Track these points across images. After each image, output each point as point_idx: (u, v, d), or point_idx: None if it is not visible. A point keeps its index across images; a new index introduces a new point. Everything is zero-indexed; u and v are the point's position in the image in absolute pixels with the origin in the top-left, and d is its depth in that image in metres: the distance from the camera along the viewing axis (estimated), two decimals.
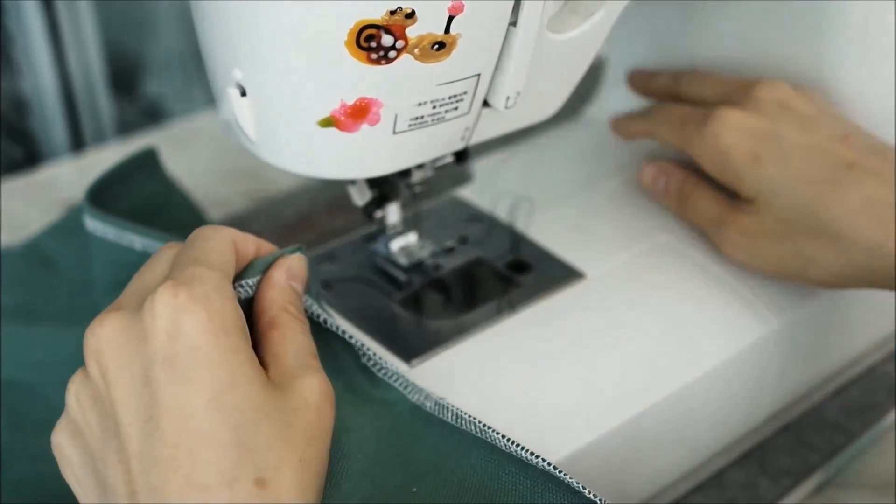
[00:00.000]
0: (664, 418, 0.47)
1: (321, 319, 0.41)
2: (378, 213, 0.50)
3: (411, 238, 0.51)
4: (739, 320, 0.50)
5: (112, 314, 0.35)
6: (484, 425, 0.39)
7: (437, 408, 0.41)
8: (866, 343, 0.58)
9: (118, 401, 0.34)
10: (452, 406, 0.40)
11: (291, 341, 0.37)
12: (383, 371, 0.42)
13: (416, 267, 0.50)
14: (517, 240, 0.54)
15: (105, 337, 0.35)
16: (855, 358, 0.58)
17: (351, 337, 0.41)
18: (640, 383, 0.46)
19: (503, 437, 0.39)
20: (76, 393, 0.36)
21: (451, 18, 0.38)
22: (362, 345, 0.42)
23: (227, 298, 0.35)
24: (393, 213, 0.50)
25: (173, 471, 0.33)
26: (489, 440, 0.39)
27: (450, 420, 0.40)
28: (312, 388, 0.36)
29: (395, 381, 0.42)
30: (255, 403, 0.34)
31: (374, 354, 0.42)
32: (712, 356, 0.48)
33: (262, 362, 0.36)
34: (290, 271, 0.40)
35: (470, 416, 0.40)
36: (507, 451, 0.39)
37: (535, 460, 0.38)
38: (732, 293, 0.51)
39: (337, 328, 0.41)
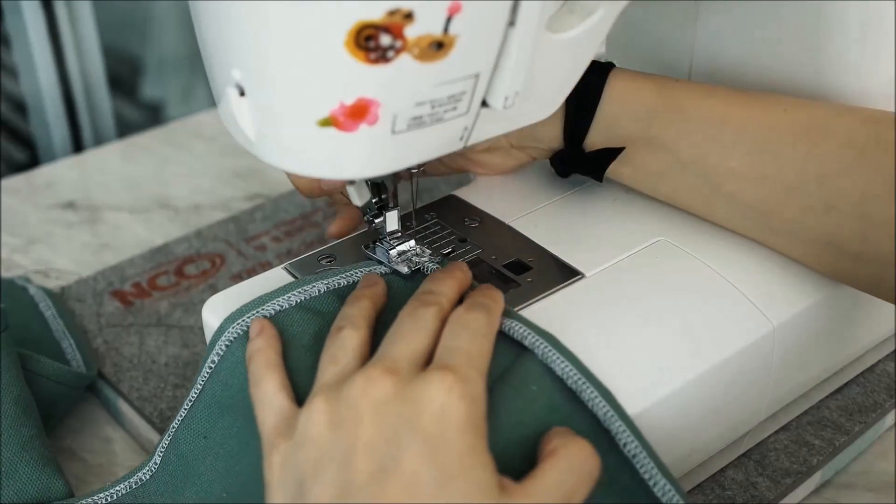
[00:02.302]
0: (663, 418, 0.47)
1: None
2: (377, 221, 0.50)
3: (410, 245, 0.51)
4: (739, 320, 0.50)
5: (389, 377, 0.40)
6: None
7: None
8: (866, 343, 0.58)
9: (363, 440, 0.38)
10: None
11: (553, 477, 0.39)
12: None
13: (417, 272, 0.50)
14: (516, 240, 0.54)
15: (375, 393, 0.39)
16: (855, 358, 0.58)
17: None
18: (638, 383, 0.46)
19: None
20: (317, 412, 0.40)
21: (449, 18, 0.38)
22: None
23: (483, 399, 0.40)
24: (392, 221, 0.50)
25: None
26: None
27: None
28: None
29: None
30: (472, 497, 0.37)
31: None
32: (711, 356, 0.48)
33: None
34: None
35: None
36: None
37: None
38: (732, 293, 0.51)
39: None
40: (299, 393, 0.44)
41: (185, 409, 0.49)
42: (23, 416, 0.53)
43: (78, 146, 1.05)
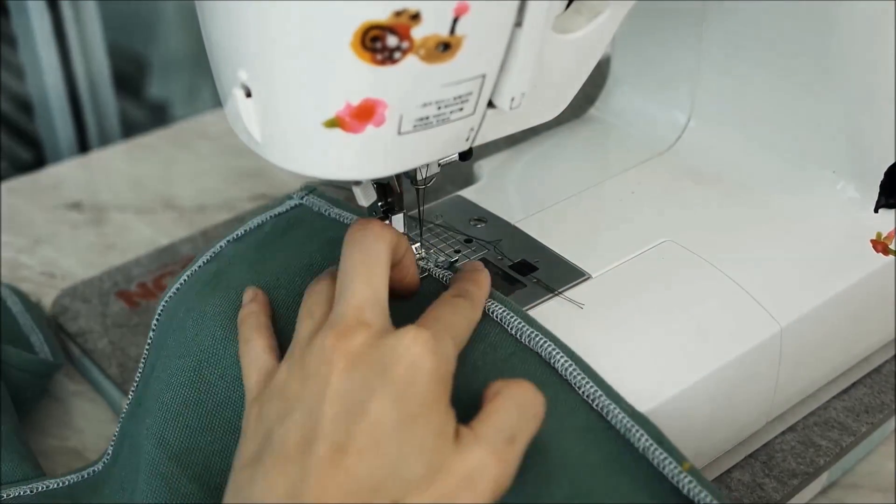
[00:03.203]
0: (670, 419, 0.46)
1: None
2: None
3: (415, 249, 0.51)
4: (745, 321, 0.50)
5: (360, 331, 0.40)
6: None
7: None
8: (873, 343, 0.57)
9: (332, 388, 0.39)
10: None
11: (498, 418, 0.40)
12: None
13: (424, 278, 0.50)
14: (522, 240, 0.53)
15: (347, 345, 0.40)
16: (862, 358, 0.57)
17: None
18: (645, 384, 0.46)
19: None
20: (291, 365, 0.42)
21: (456, 19, 0.38)
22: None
23: (453, 360, 0.41)
24: (397, 225, 0.50)
25: (340, 456, 0.38)
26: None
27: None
28: (476, 464, 0.39)
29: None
30: (424, 446, 0.39)
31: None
32: (718, 357, 0.48)
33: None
34: None
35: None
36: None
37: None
38: (738, 294, 0.51)
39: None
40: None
41: (132, 394, 0.51)
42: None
43: (83, 146, 1.05)
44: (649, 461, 0.43)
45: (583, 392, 0.44)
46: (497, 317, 0.47)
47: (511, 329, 0.46)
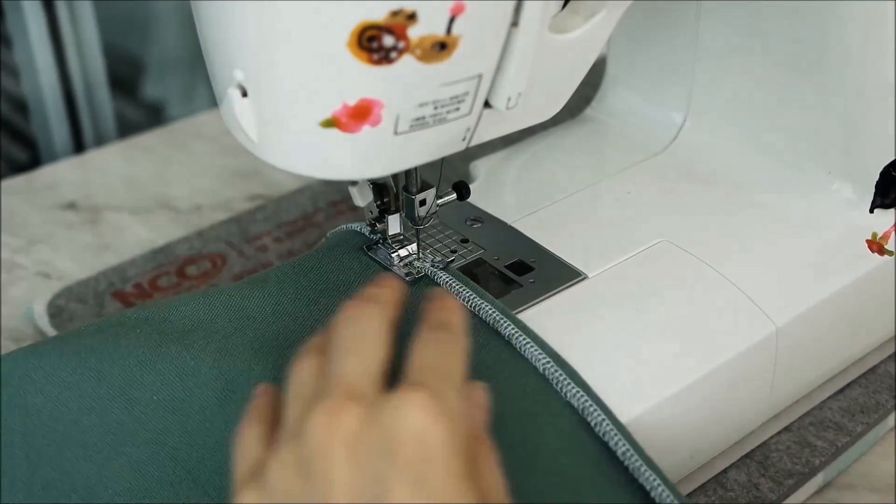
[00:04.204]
0: (665, 419, 0.47)
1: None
2: (380, 225, 0.50)
3: (412, 249, 0.51)
4: (741, 321, 0.50)
5: (352, 406, 0.36)
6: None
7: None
8: (868, 344, 0.57)
9: (340, 483, 0.35)
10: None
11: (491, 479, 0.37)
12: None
13: (420, 279, 0.50)
14: (518, 240, 0.53)
15: (343, 429, 0.35)
16: (857, 359, 0.58)
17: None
18: (640, 384, 0.46)
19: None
20: (285, 461, 0.36)
21: (452, 19, 0.38)
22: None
23: (463, 420, 0.37)
24: (394, 225, 0.50)
25: None
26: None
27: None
28: None
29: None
30: None
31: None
32: (714, 357, 0.48)
33: None
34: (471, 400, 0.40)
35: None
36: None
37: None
38: (734, 294, 0.51)
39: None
40: None
41: None
42: None
43: (79, 146, 1.05)
44: (628, 468, 0.43)
45: (566, 395, 0.44)
46: (487, 319, 0.47)
47: (501, 332, 0.46)
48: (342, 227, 0.54)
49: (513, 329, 0.46)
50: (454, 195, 0.52)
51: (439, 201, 0.50)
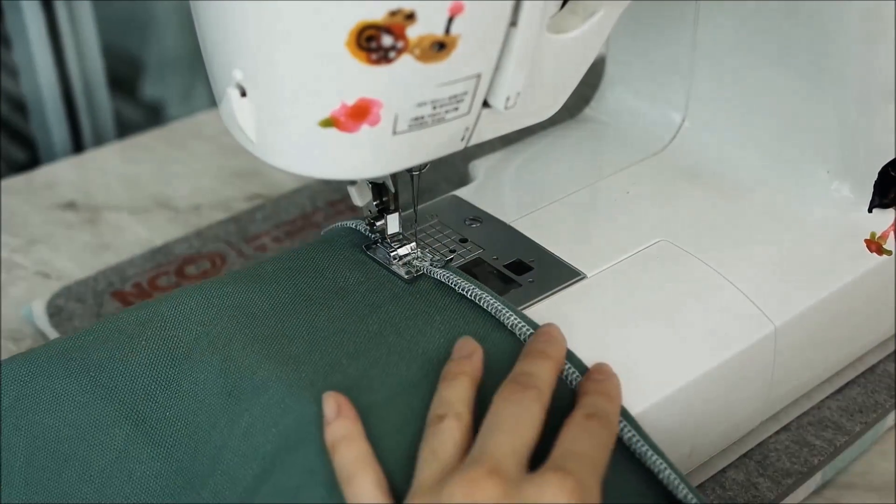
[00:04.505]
0: (664, 419, 0.47)
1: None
2: (378, 224, 0.50)
3: (411, 248, 0.51)
4: (740, 320, 0.50)
5: (494, 479, 0.36)
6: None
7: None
8: (867, 343, 0.57)
9: None
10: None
11: None
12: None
13: (418, 277, 0.50)
14: (517, 240, 0.53)
15: (483, 499, 0.36)
16: (856, 358, 0.58)
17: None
18: (639, 383, 0.46)
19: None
20: None
21: (451, 19, 0.38)
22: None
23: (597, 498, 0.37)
24: (393, 224, 0.50)
25: None
26: None
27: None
28: None
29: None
30: None
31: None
32: (713, 356, 0.48)
33: None
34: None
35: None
36: None
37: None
38: (733, 294, 0.51)
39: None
40: None
41: None
42: None
43: (78, 146, 1.05)
44: (636, 456, 0.43)
45: (571, 383, 0.45)
46: (490, 310, 0.47)
47: (509, 326, 0.46)
48: (338, 225, 0.54)
49: (515, 319, 0.46)
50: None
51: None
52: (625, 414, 0.44)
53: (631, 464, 0.43)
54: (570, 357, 0.45)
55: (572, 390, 0.45)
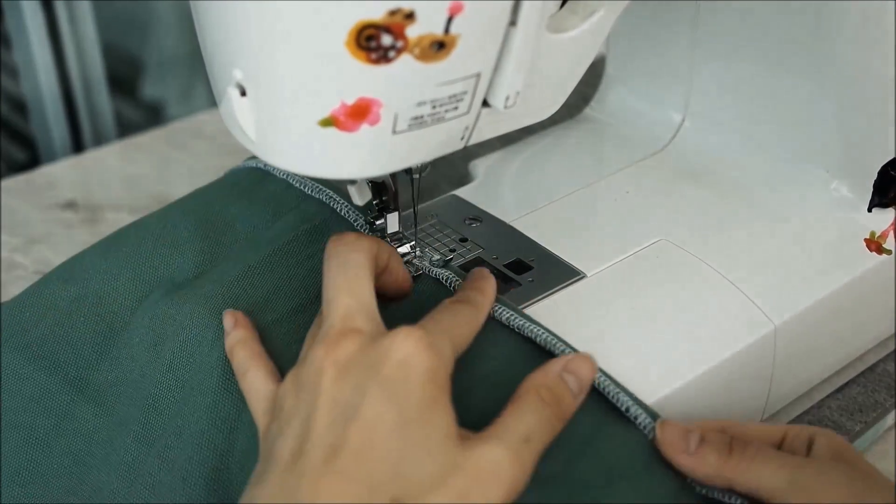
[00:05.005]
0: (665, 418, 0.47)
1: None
2: (378, 223, 0.51)
3: (410, 247, 0.51)
4: (740, 320, 0.50)
5: (351, 336, 0.40)
6: None
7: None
8: (867, 342, 0.57)
9: (324, 395, 0.39)
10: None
11: (515, 418, 0.40)
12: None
13: (417, 277, 0.50)
14: (517, 239, 0.53)
15: (338, 353, 0.40)
16: (855, 357, 0.58)
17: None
18: (639, 383, 0.46)
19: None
20: (286, 382, 0.41)
21: (450, 18, 0.38)
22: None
23: (450, 360, 0.41)
24: (393, 223, 0.50)
25: (333, 458, 0.37)
26: None
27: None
28: (490, 460, 0.38)
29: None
30: (430, 446, 0.38)
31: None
32: (712, 356, 0.48)
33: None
34: (569, 367, 0.43)
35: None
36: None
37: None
38: (732, 293, 0.51)
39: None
40: None
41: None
42: None
43: (78, 146, 1.05)
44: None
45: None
46: (503, 319, 0.47)
47: (514, 328, 0.46)
48: (241, 165, 0.57)
49: (520, 320, 0.46)
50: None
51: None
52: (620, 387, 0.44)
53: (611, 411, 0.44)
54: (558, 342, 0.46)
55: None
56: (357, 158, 0.42)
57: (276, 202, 0.54)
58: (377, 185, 0.50)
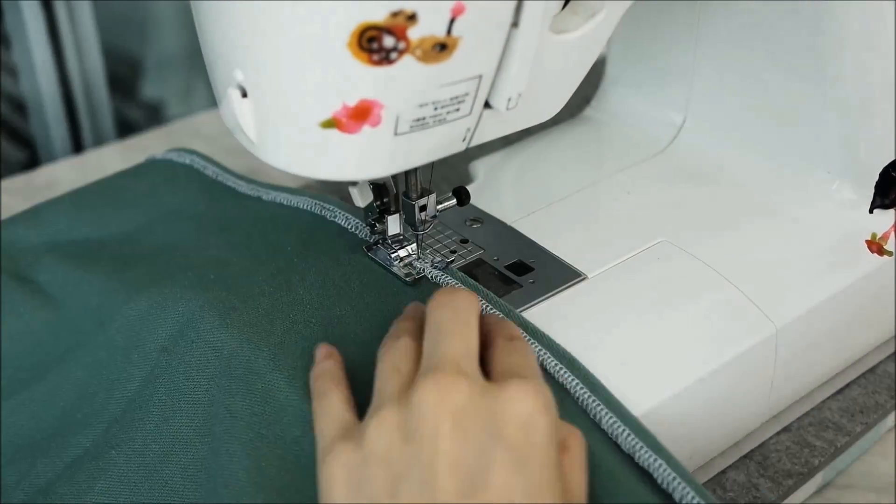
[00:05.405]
0: (665, 420, 0.47)
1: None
2: (379, 226, 0.51)
3: (412, 249, 0.51)
4: (740, 322, 0.50)
5: (462, 380, 0.38)
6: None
7: None
8: (868, 344, 0.57)
9: (444, 453, 0.36)
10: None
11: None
12: None
13: (419, 279, 0.50)
14: (518, 240, 0.53)
15: (451, 401, 0.37)
16: (857, 359, 0.58)
17: None
18: (640, 385, 0.46)
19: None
20: (387, 424, 0.38)
21: (452, 20, 0.38)
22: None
23: (557, 416, 0.39)
24: (393, 225, 0.50)
25: None
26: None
27: None
28: None
29: None
30: None
31: None
32: (714, 358, 0.48)
33: None
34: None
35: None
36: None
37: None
38: (734, 295, 0.51)
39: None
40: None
41: None
42: None
43: (78, 146, 1.05)
44: (640, 465, 0.43)
45: (577, 398, 0.44)
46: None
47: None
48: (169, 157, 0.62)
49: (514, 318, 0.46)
50: (454, 200, 0.51)
51: (439, 206, 0.50)
52: (624, 416, 0.44)
53: (632, 468, 0.43)
54: (552, 346, 0.46)
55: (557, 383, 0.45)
56: (358, 160, 0.42)
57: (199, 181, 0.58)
58: (378, 187, 0.49)
